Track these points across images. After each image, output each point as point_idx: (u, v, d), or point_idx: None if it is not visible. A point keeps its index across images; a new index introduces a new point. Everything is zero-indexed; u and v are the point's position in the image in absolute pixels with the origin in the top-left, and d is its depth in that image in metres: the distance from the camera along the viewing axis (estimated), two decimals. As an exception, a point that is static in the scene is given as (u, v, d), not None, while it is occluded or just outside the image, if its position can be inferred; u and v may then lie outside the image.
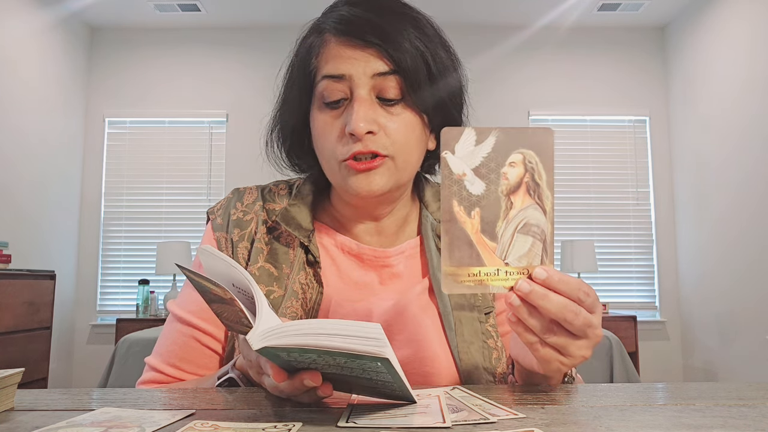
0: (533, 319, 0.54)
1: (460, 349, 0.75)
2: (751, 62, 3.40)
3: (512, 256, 0.55)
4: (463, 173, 0.55)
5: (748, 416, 0.48)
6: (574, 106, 4.37)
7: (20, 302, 3.02)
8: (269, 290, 0.76)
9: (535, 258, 0.55)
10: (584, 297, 0.54)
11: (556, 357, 0.56)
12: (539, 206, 0.55)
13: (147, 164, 4.36)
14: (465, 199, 0.55)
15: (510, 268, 0.55)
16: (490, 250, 0.55)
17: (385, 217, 0.81)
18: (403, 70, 0.70)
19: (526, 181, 0.55)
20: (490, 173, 0.55)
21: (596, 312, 0.55)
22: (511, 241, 0.55)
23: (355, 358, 0.45)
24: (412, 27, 0.72)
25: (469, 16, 4.23)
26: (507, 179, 0.55)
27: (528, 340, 0.56)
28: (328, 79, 0.72)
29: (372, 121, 0.70)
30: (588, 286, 0.55)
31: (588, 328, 0.54)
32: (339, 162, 0.72)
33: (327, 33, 0.74)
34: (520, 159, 0.55)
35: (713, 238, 3.78)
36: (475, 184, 0.55)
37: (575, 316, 0.53)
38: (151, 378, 0.78)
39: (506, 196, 0.55)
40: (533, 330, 0.55)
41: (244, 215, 0.81)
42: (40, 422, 0.48)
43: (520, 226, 0.55)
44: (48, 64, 3.93)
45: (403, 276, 0.80)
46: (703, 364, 3.93)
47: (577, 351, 0.55)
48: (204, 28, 4.40)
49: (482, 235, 0.55)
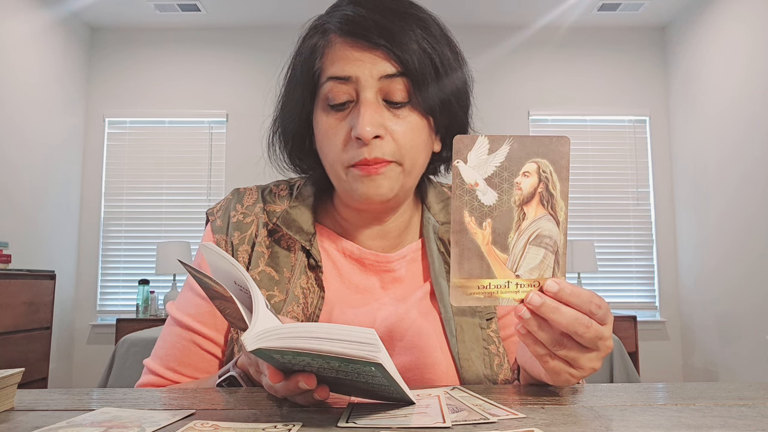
0: (543, 332, 0.53)
1: (461, 355, 0.74)
2: (751, 62, 3.40)
3: (523, 268, 0.53)
4: (475, 183, 0.53)
5: (748, 416, 0.48)
6: (574, 106, 4.37)
7: (20, 302, 3.02)
8: (270, 294, 0.75)
9: (547, 270, 0.54)
10: (596, 309, 0.53)
11: (566, 369, 0.55)
12: (552, 217, 0.53)
13: (147, 164, 4.36)
14: (476, 209, 0.53)
15: (521, 280, 0.53)
16: (501, 261, 0.53)
17: (389, 220, 0.80)
18: (411, 72, 0.69)
19: (540, 191, 0.53)
20: (503, 183, 0.53)
21: (608, 323, 0.54)
22: (522, 252, 0.53)
23: (349, 363, 0.45)
24: (418, 27, 0.71)
25: (469, 16, 4.23)
26: (520, 189, 0.53)
27: (537, 353, 0.55)
28: (333, 80, 0.70)
29: (379, 125, 0.68)
30: (600, 298, 0.54)
31: (599, 341, 0.53)
32: (345, 167, 0.71)
33: (332, 33, 0.72)
34: (535, 168, 0.53)
35: (713, 238, 3.78)
36: (488, 194, 0.53)
37: (586, 329, 0.52)
38: (149, 381, 0.77)
39: (519, 207, 0.53)
40: (543, 343, 0.54)
41: (244, 217, 0.79)
42: (40, 422, 0.48)
43: (533, 238, 0.53)
44: (48, 64, 3.93)
45: (404, 281, 0.79)
46: (703, 364, 3.93)
47: (588, 363, 0.55)
48: (204, 28, 4.40)
49: (493, 246, 0.53)
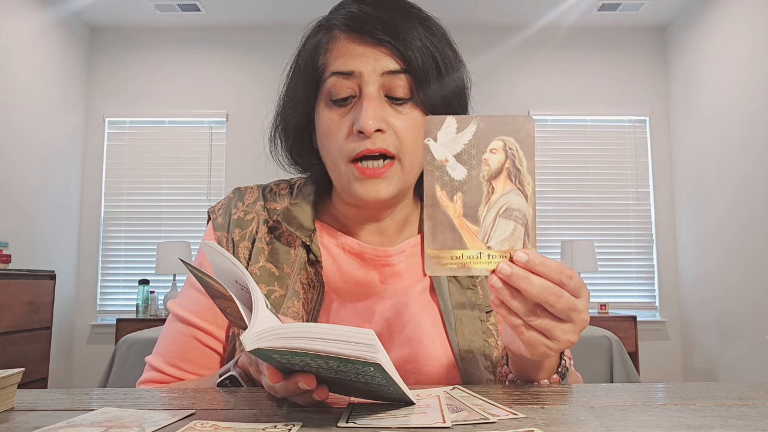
0: (515, 301, 0.55)
1: (460, 347, 0.75)
2: (751, 62, 3.40)
3: (494, 239, 0.56)
4: (445, 159, 0.56)
5: (748, 416, 0.48)
6: (574, 105, 4.37)
7: (20, 302, 3.02)
8: (270, 290, 0.76)
9: (518, 242, 0.56)
10: (567, 280, 0.54)
11: (542, 340, 0.56)
12: (521, 191, 0.56)
13: (147, 164, 4.36)
14: (447, 184, 0.56)
15: (492, 251, 0.56)
16: (473, 233, 0.56)
17: (387, 217, 0.81)
18: (413, 69, 0.70)
19: (507, 167, 0.56)
20: (471, 159, 0.56)
21: (582, 296, 0.56)
22: (493, 225, 0.56)
23: (348, 363, 0.45)
24: (421, 26, 0.72)
25: (469, 16, 4.23)
26: (488, 165, 0.56)
27: (512, 323, 0.56)
28: (336, 75, 0.71)
29: (381, 119, 0.70)
30: (570, 269, 0.55)
31: (572, 312, 0.55)
32: (346, 162, 0.71)
33: (336, 30, 0.73)
34: (501, 146, 0.56)
35: (713, 238, 3.78)
36: (457, 169, 0.56)
37: (557, 298, 0.54)
38: (151, 378, 0.78)
39: (487, 182, 0.56)
40: (517, 313, 0.55)
41: (245, 215, 0.80)
42: (40, 422, 0.48)
43: (502, 211, 0.56)
44: (48, 64, 3.93)
45: (404, 275, 0.80)
46: (703, 364, 3.93)
47: (563, 335, 0.56)
48: (204, 28, 4.40)
49: (464, 219, 0.56)
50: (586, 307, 0.56)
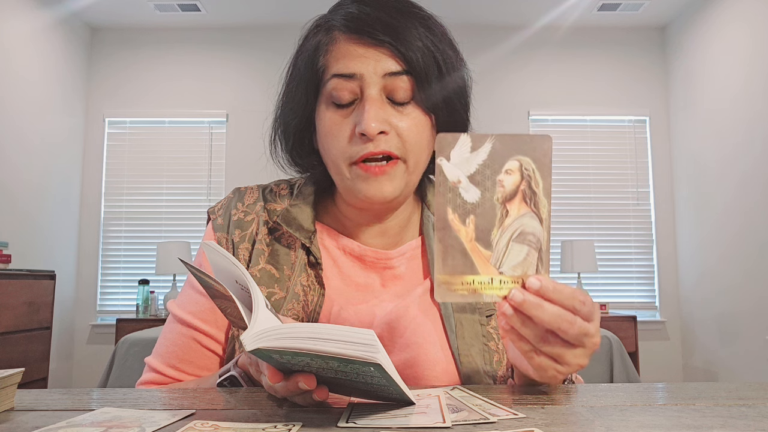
0: (527, 328, 0.54)
1: (461, 351, 0.74)
2: (751, 62, 3.40)
3: (507, 264, 0.54)
4: (458, 180, 0.54)
5: (748, 416, 0.47)
6: (574, 106, 4.37)
7: (20, 302, 3.02)
8: (270, 292, 0.75)
9: (530, 267, 0.54)
10: (580, 306, 0.53)
11: (552, 365, 0.55)
12: (535, 214, 0.54)
13: (147, 164, 4.36)
14: (460, 206, 0.54)
15: (504, 277, 0.54)
16: (485, 258, 0.54)
17: (389, 218, 0.80)
18: (415, 70, 0.69)
19: (523, 188, 0.54)
20: (485, 180, 0.54)
21: (594, 320, 0.54)
22: (506, 249, 0.54)
23: (348, 363, 0.45)
24: (421, 26, 0.71)
25: (470, 16, 4.23)
26: (503, 187, 0.54)
27: (522, 349, 0.55)
28: (337, 77, 0.70)
29: (383, 121, 0.69)
30: (584, 294, 0.54)
31: (584, 337, 0.54)
32: (349, 164, 0.71)
33: (336, 31, 0.72)
34: (517, 166, 0.54)
35: (713, 237, 3.78)
36: (470, 191, 0.54)
37: (570, 325, 0.53)
38: (150, 379, 0.78)
39: (502, 204, 0.54)
40: (527, 339, 0.54)
41: (245, 216, 0.80)
42: (40, 422, 0.48)
43: (516, 235, 0.54)
44: (48, 64, 3.93)
45: (404, 278, 0.79)
46: (703, 364, 3.92)
47: (573, 359, 0.55)
48: (204, 28, 4.40)
49: (477, 243, 0.54)
50: (597, 330, 0.55)
